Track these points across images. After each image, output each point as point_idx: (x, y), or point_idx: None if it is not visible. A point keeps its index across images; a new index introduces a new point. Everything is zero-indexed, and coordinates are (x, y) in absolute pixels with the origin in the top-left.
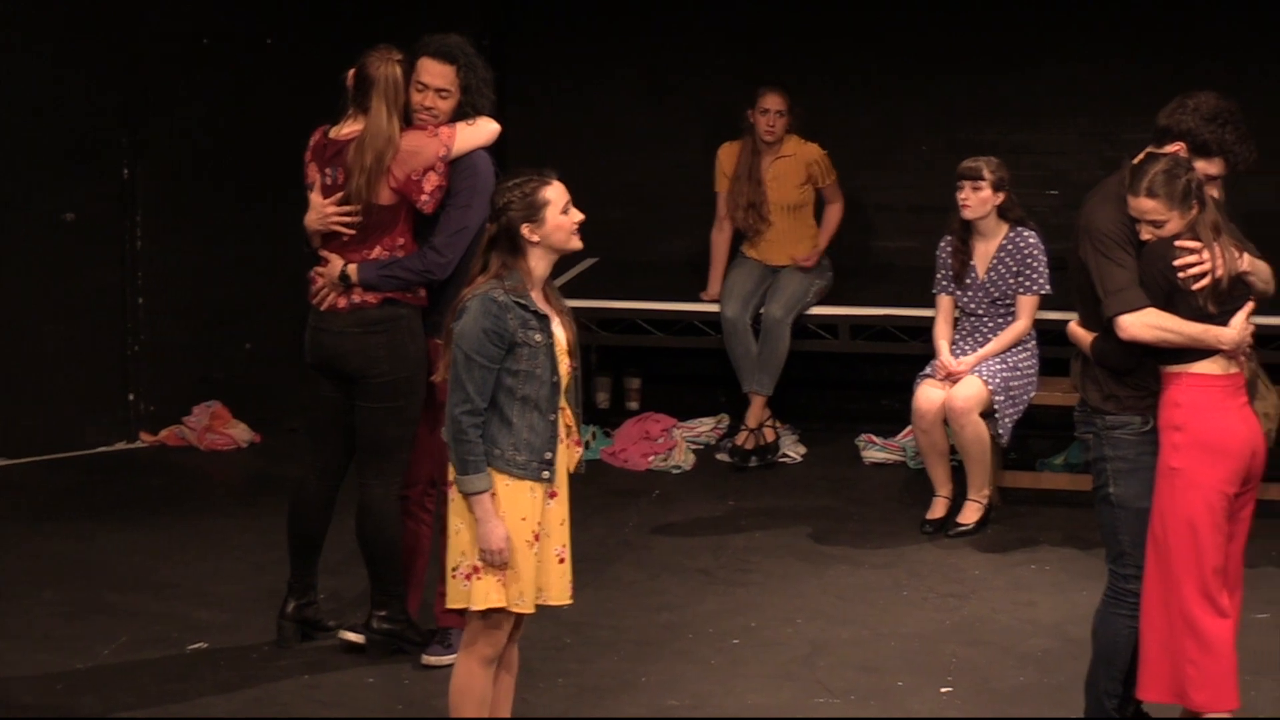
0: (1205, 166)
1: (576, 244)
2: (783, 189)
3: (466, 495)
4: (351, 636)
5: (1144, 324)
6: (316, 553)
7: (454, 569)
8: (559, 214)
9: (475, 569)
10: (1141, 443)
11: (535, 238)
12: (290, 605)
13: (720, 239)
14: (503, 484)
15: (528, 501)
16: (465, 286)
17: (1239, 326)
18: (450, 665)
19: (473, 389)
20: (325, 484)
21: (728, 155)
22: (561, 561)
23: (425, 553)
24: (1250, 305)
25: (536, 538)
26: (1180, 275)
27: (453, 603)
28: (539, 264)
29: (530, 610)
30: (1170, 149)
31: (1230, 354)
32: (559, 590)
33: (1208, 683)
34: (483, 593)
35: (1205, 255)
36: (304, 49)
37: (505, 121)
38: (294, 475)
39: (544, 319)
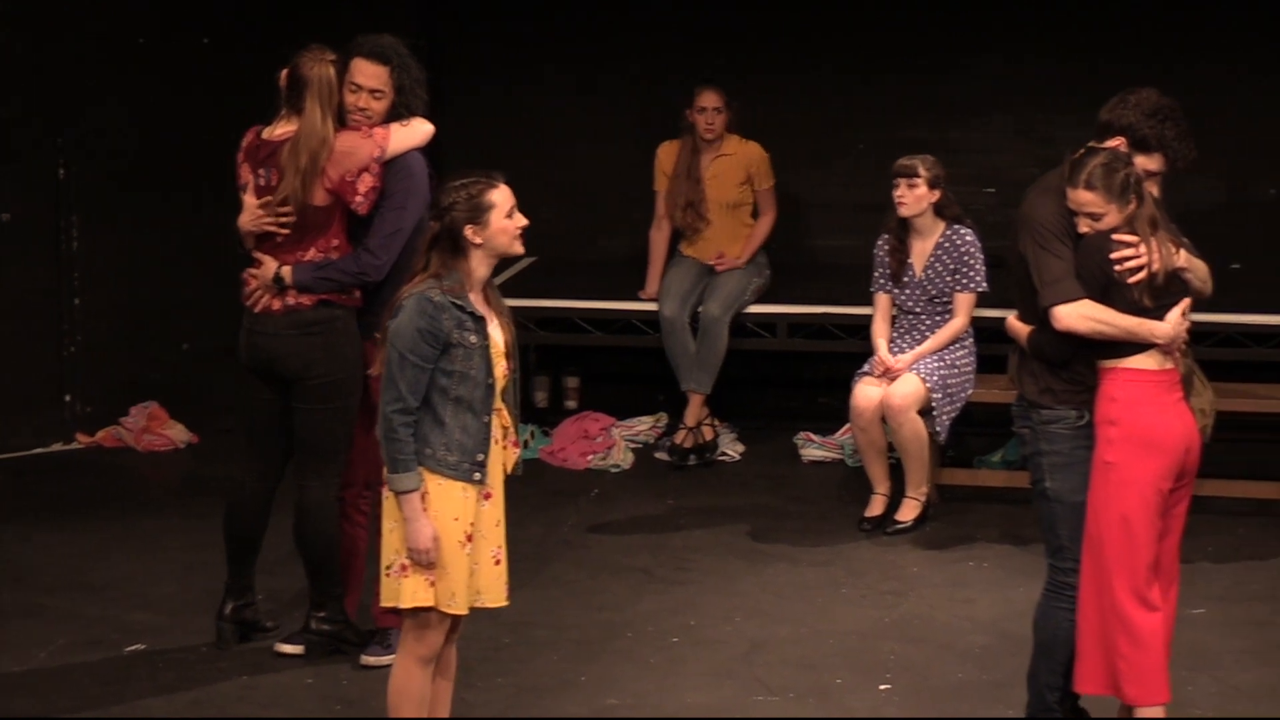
0: (1145, 162)
1: (519, 249)
2: (722, 188)
3: (396, 494)
4: (288, 649)
5: (1079, 315)
6: (254, 554)
7: (387, 567)
8: (503, 217)
9: (405, 568)
10: (1077, 437)
11: (478, 240)
12: (228, 606)
13: (659, 238)
14: (434, 484)
15: (459, 502)
16: (405, 285)
17: (1174, 322)
18: (389, 665)
19: (405, 388)
20: (262, 485)
21: (667, 154)
22: (498, 563)
23: (362, 554)
24: (1186, 302)
25: (469, 538)
26: (1117, 269)
27: (385, 601)
28: (479, 266)
29: (463, 611)
30: (1111, 144)
31: (1165, 349)
32: (495, 592)
33: (1138, 677)
34: (410, 591)
35: (1142, 249)
36: (240, 49)
37: (441, 122)
38: (231, 476)
39: (480, 320)
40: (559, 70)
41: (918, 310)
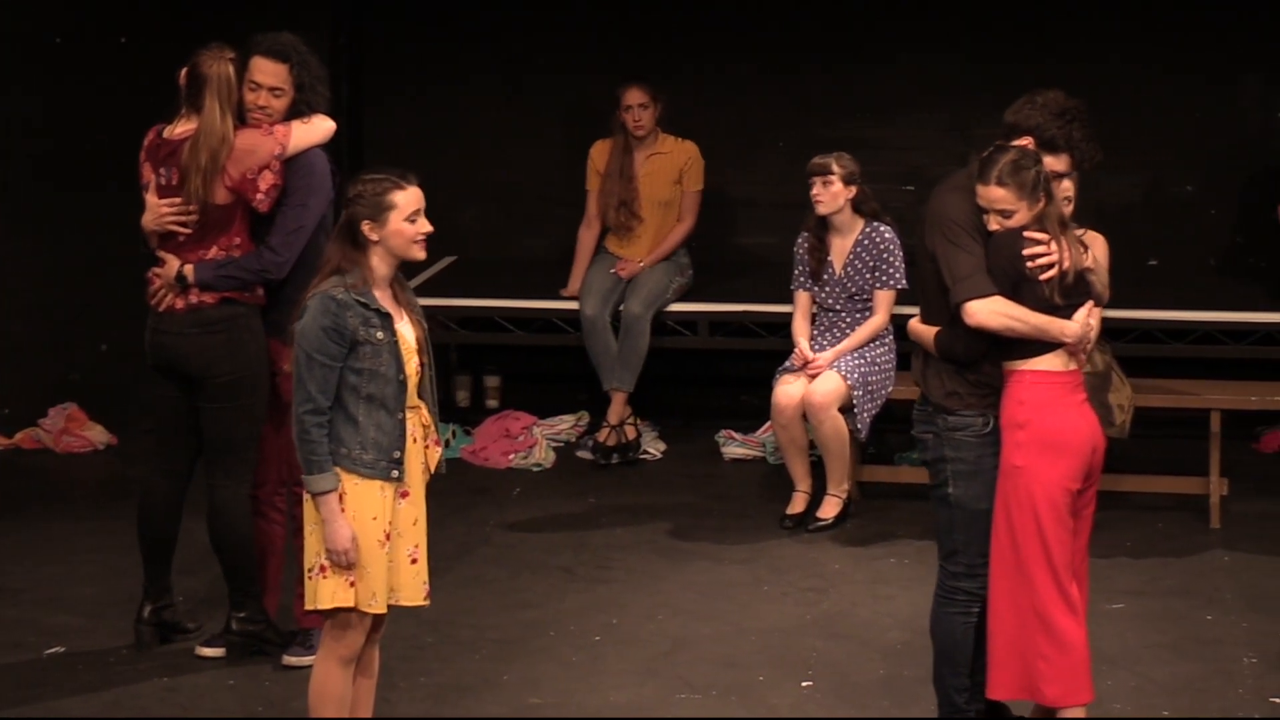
0: (1052, 163)
1: (418, 254)
2: (655, 185)
3: (313, 495)
4: (208, 652)
5: (991, 311)
6: (169, 554)
7: (309, 569)
8: (403, 220)
9: (324, 569)
10: (983, 444)
11: (375, 237)
12: (147, 609)
13: (588, 237)
14: (351, 483)
15: (377, 501)
16: (313, 282)
17: (1082, 321)
18: (311, 666)
19: (314, 388)
20: (173, 485)
21: (600, 152)
22: (414, 562)
23: (279, 553)
24: (1092, 303)
25: (388, 537)
26: (1029, 265)
27: (308, 604)
28: (379, 263)
29: (382, 610)
30: (1018, 145)
31: (1071, 350)
32: (411, 591)
33: (1060, 677)
34: (329, 592)
35: (1053, 247)
36: (157, 48)
37: (362, 120)
38: (142, 477)
39: (386, 316)
40: (480, 68)
41: (838, 308)
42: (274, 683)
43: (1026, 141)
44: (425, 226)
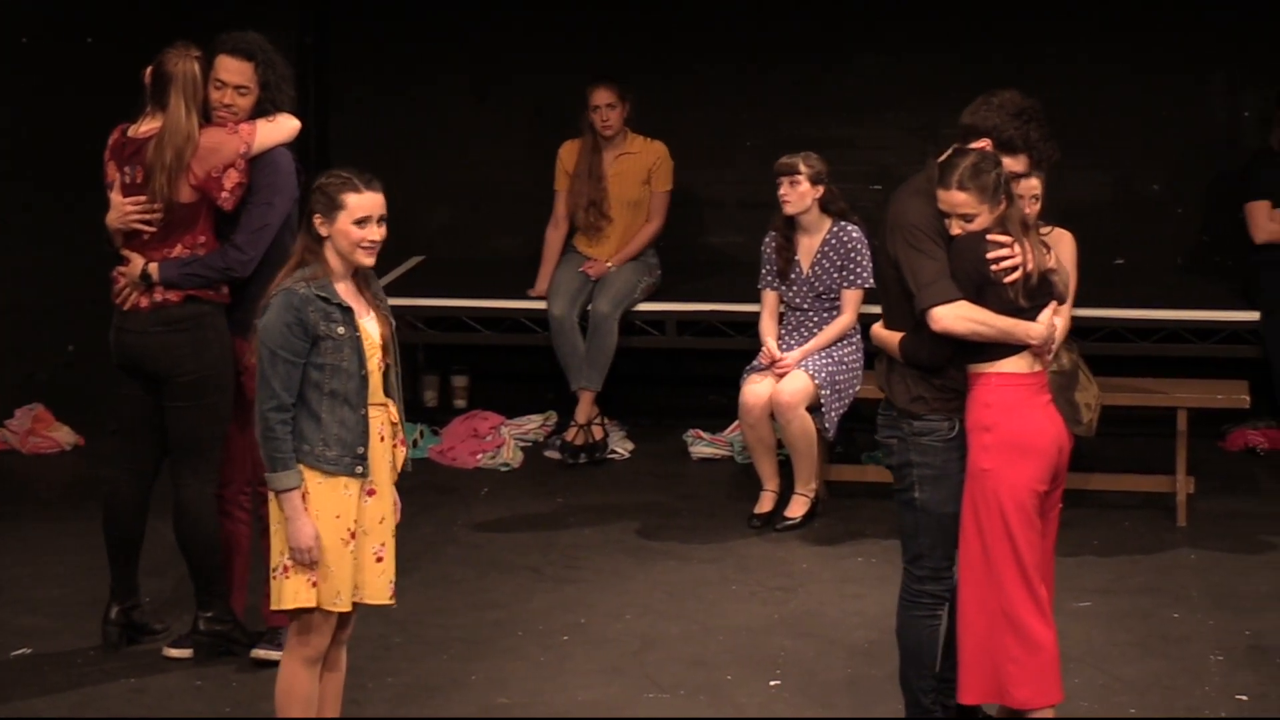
0: (1010, 163)
1: (362, 259)
2: (624, 185)
3: (276, 493)
4: (176, 653)
5: (957, 315)
6: (135, 555)
7: (274, 569)
8: (350, 222)
9: (287, 569)
10: (949, 449)
11: (324, 232)
12: (114, 609)
13: (555, 237)
14: (314, 481)
15: (341, 498)
16: (276, 277)
17: (1046, 322)
18: (279, 662)
19: (279, 385)
20: (138, 485)
21: (569, 152)
22: (379, 560)
23: (245, 552)
24: (1054, 304)
25: (353, 535)
26: (993, 268)
27: (272, 604)
28: (335, 261)
29: (347, 609)
30: (976, 146)
31: (1036, 351)
32: (376, 589)
33: (1030, 679)
34: (292, 592)
35: (1017, 249)
36: (124, 48)
37: (328, 120)
38: (107, 477)
39: (348, 311)
40: (447, 68)
41: (805, 307)
42: (241, 683)
43: (984, 143)
44: (373, 234)
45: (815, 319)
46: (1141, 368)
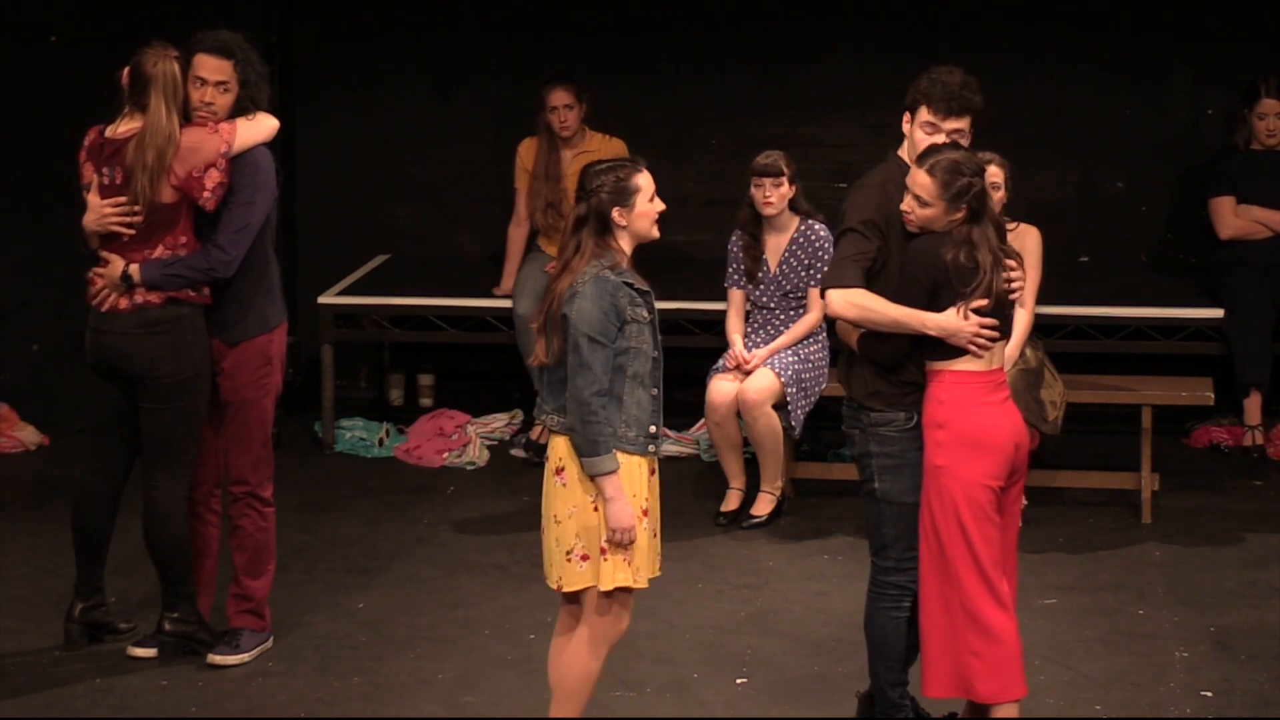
0: (956, 124)
1: (656, 233)
2: None
3: (596, 476)
4: (141, 653)
5: (847, 301)
6: (102, 554)
7: (568, 552)
8: (646, 201)
9: (604, 550)
10: (907, 438)
11: (623, 222)
12: (77, 608)
13: (518, 235)
14: (619, 461)
15: (638, 477)
16: (565, 272)
17: (950, 313)
18: (238, 666)
19: (600, 369)
20: (109, 485)
21: (528, 150)
22: (655, 535)
23: (214, 554)
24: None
25: (645, 513)
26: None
27: (568, 585)
28: (626, 246)
29: (644, 585)
30: (922, 117)
31: (980, 348)
32: (654, 566)
33: (993, 673)
34: (610, 573)
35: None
36: (88, 47)
37: (293, 119)
38: (77, 476)
39: (647, 295)
40: (409, 67)
41: (772, 305)
42: (207, 684)
43: (924, 113)
44: (660, 205)
45: (782, 317)
46: (1106, 365)
